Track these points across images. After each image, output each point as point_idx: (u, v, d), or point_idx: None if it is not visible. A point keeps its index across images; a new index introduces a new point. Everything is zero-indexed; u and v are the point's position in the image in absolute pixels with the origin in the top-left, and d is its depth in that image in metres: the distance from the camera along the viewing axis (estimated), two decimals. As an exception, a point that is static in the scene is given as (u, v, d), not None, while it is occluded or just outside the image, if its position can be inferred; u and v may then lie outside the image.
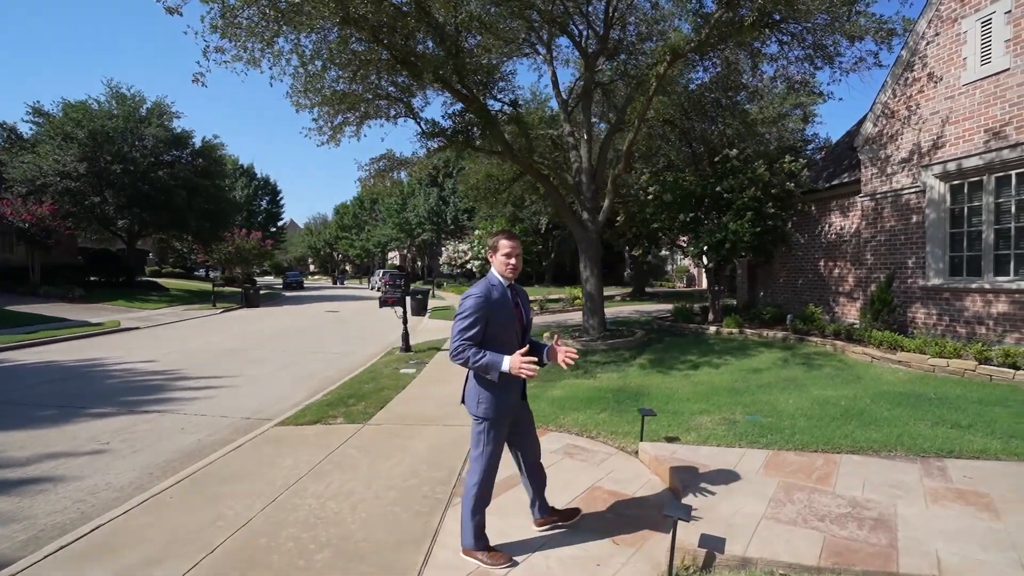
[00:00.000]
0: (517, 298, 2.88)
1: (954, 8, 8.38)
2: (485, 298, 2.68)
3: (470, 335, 2.63)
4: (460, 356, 2.62)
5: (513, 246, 2.78)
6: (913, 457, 3.82)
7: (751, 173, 10.33)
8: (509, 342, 2.76)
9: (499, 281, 2.80)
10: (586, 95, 10.08)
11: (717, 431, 4.53)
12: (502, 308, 2.73)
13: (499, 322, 2.72)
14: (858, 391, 5.60)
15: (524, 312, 2.90)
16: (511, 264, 2.77)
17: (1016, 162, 7.48)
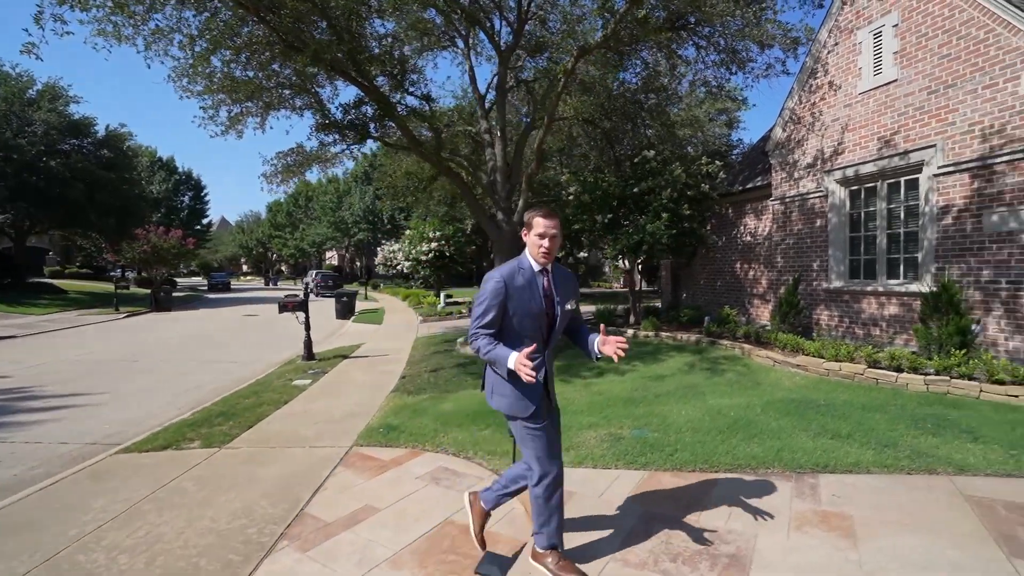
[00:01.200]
0: (552, 286, 2.49)
1: (850, 20, 8.60)
2: (505, 283, 2.37)
3: (484, 323, 2.39)
4: (473, 345, 2.42)
5: (549, 225, 2.40)
6: (789, 474, 3.64)
7: (668, 175, 10.31)
8: (531, 336, 2.42)
9: (529, 264, 2.46)
10: (500, 91, 9.72)
11: (598, 450, 4.23)
12: (526, 296, 2.40)
13: (520, 311, 2.39)
14: (752, 399, 5.49)
15: (558, 303, 2.49)
16: (544, 246, 2.40)
17: (904, 169, 7.72)
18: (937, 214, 7.23)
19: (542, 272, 2.47)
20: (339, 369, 8.65)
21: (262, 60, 8.42)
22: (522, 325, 2.40)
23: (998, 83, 6.55)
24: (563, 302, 2.49)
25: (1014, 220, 6.39)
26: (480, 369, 8.20)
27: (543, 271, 2.47)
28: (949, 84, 7.10)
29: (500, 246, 10.07)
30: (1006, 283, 6.49)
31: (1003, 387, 5.16)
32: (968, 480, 3.46)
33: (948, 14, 7.12)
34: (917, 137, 7.49)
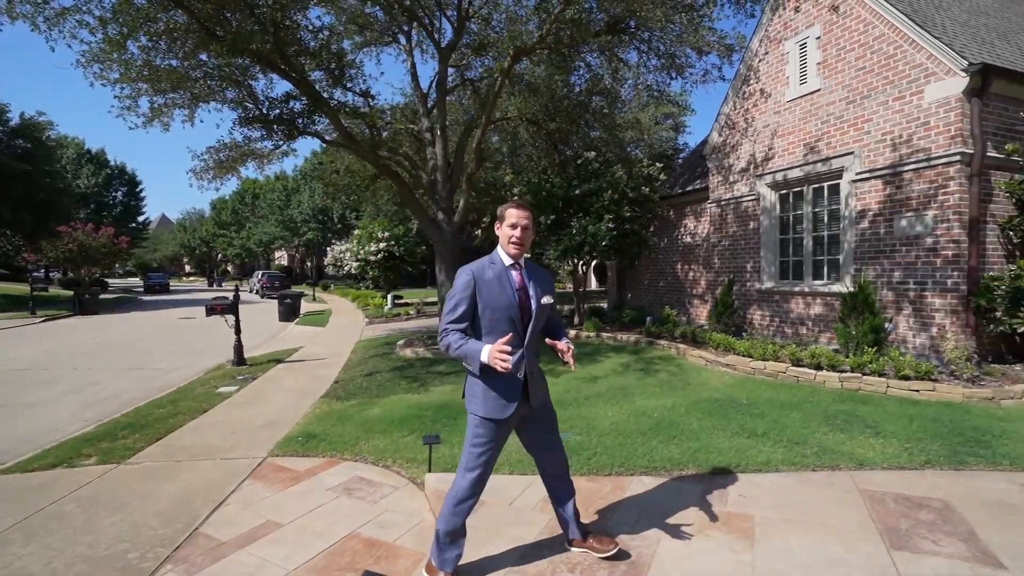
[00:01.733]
0: (526, 281, 2.43)
1: (779, 30, 8.93)
2: (475, 276, 2.33)
3: (454, 318, 2.32)
4: (443, 342, 2.32)
5: (522, 215, 2.38)
6: (701, 476, 3.68)
7: (610, 177, 10.42)
8: (503, 332, 2.30)
9: (500, 259, 2.41)
10: (441, 89, 9.56)
11: (517, 455, 4.15)
12: (495, 289, 2.33)
13: (491, 305, 2.32)
14: (679, 400, 5.57)
15: (534, 298, 2.41)
16: (516, 236, 2.36)
17: (827, 175, 8.06)
18: (855, 218, 7.59)
19: (514, 267, 2.42)
20: (270, 375, 8.27)
21: (186, 48, 7.96)
22: (494, 320, 2.33)
23: (905, 96, 6.93)
24: (539, 296, 2.42)
25: (920, 224, 6.77)
26: (417, 372, 8.07)
27: (515, 265, 2.42)
28: (865, 95, 7.46)
29: (441, 247, 9.92)
30: (913, 283, 6.87)
31: (907, 382, 5.44)
32: (867, 475, 3.59)
33: (863, 29, 7.49)
34: (838, 144, 7.85)
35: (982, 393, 5.11)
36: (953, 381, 5.61)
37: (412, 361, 8.78)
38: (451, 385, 6.87)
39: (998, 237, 6.67)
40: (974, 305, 6.31)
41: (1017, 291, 6.01)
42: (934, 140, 6.60)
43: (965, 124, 6.37)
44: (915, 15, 7.09)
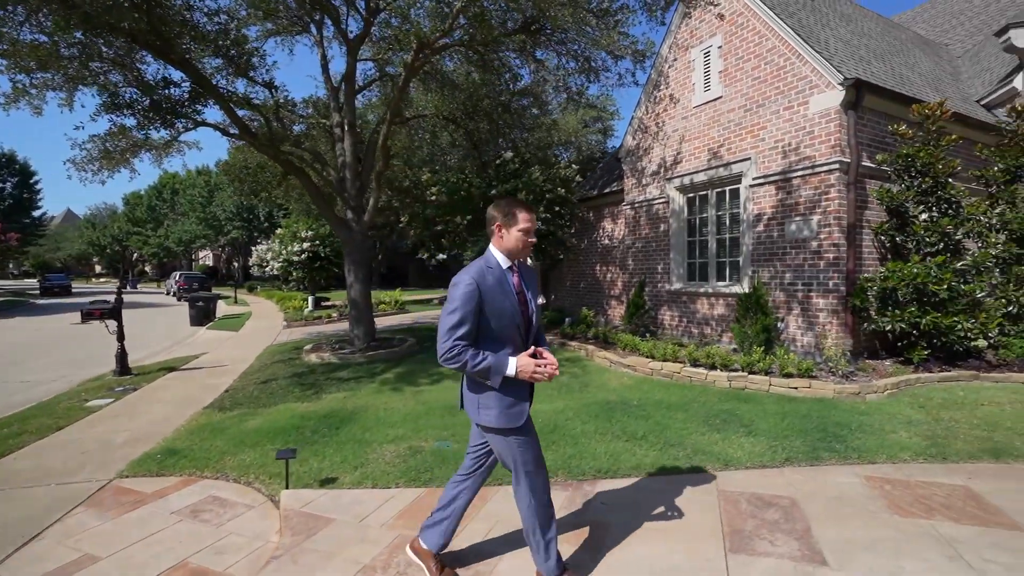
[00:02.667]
0: (522, 283, 2.31)
1: (686, 38, 9.18)
2: (478, 285, 2.14)
3: (461, 333, 2.11)
4: (455, 361, 2.10)
5: (532, 218, 2.26)
6: (570, 483, 3.60)
7: (527, 178, 10.38)
8: (511, 339, 2.23)
9: (497, 262, 2.26)
10: (349, 83, 9.16)
11: (387, 466, 3.95)
12: (499, 296, 2.19)
13: (496, 313, 2.18)
14: (573, 403, 5.54)
15: (531, 301, 2.32)
16: (531, 242, 2.28)
17: (728, 179, 8.35)
18: (752, 221, 7.89)
19: (510, 269, 2.28)
20: (156, 385, 7.60)
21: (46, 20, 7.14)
22: (500, 328, 2.20)
23: (794, 106, 7.27)
24: (534, 298, 2.35)
25: (806, 229, 7.12)
26: (316, 379, 7.66)
27: (512, 267, 2.29)
28: (760, 104, 7.78)
29: (350, 248, 9.51)
30: (801, 285, 7.22)
31: (788, 380, 5.67)
32: (730, 475, 3.63)
33: (758, 41, 7.81)
34: (737, 150, 8.14)
35: (850, 388, 5.40)
36: (830, 378, 5.90)
37: (315, 367, 8.33)
38: (346, 392, 6.54)
39: (873, 241, 7.11)
40: (850, 305, 6.69)
41: (885, 292, 6.42)
42: (817, 149, 6.96)
43: (843, 135, 6.75)
44: (801, 30, 7.46)
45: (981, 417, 4.71)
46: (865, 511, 3.05)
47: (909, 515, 2.99)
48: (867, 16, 12.01)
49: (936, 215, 6.58)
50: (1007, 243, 7.38)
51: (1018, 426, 4.43)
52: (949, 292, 6.22)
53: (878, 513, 3.02)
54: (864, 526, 2.87)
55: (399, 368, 7.97)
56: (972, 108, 9.07)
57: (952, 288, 6.24)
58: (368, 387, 6.77)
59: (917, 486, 3.37)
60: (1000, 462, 3.74)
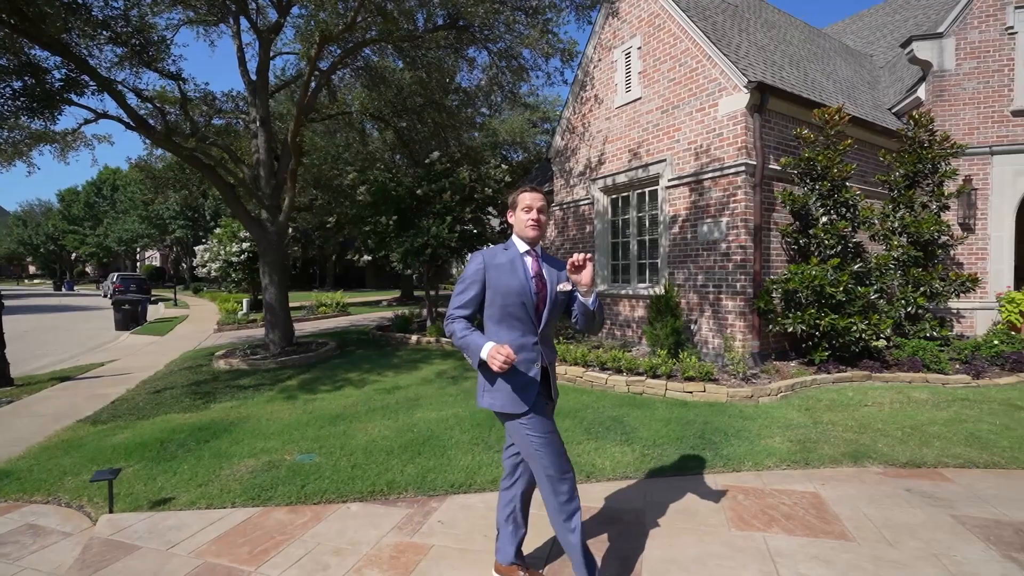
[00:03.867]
0: (541, 268, 2.28)
1: (609, 38, 9.13)
2: (484, 260, 2.24)
3: (460, 303, 2.24)
4: (447, 328, 2.24)
5: (536, 197, 2.27)
6: (417, 499, 3.40)
7: (454, 177, 10.15)
8: (519, 319, 2.21)
9: (514, 244, 2.30)
10: (262, 75, 8.73)
11: (234, 483, 3.68)
12: (506, 273, 2.21)
13: (502, 290, 2.19)
14: (463, 411, 5.35)
15: (550, 286, 2.26)
16: (532, 219, 2.24)
17: (647, 181, 8.32)
18: (669, 223, 7.88)
19: (528, 253, 2.28)
20: (38, 396, 7.03)
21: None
22: (507, 305, 2.19)
23: (705, 108, 7.28)
24: (557, 282, 2.28)
25: (716, 230, 7.13)
26: (215, 387, 7.21)
27: (530, 252, 2.28)
28: (675, 105, 7.77)
29: (264, 248, 9.09)
30: (712, 287, 7.23)
31: (683, 384, 5.62)
32: (588, 488, 3.49)
33: (673, 42, 7.80)
34: (655, 151, 8.12)
35: (743, 392, 5.38)
36: (731, 381, 5.89)
37: (220, 374, 7.88)
38: (237, 401, 6.17)
39: (781, 243, 7.19)
40: (756, 307, 6.73)
41: (787, 294, 6.48)
42: (726, 151, 6.98)
43: (749, 137, 6.78)
44: (713, 33, 7.49)
45: (858, 419, 4.74)
46: (705, 525, 2.94)
47: (747, 528, 2.90)
48: (793, 24, 12.29)
49: (835, 218, 6.68)
50: (906, 246, 7.59)
51: (887, 427, 4.47)
52: (845, 294, 6.32)
53: (717, 528, 2.91)
54: (697, 542, 2.76)
55: (306, 374, 7.61)
56: (883, 115, 9.34)
57: (848, 290, 6.34)
58: (263, 395, 6.41)
59: (769, 495, 3.31)
60: (858, 466, 3.73)
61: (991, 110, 8.75)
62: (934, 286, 7.44)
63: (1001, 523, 2.92)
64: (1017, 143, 8.62)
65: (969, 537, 2.77)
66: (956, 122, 8.88)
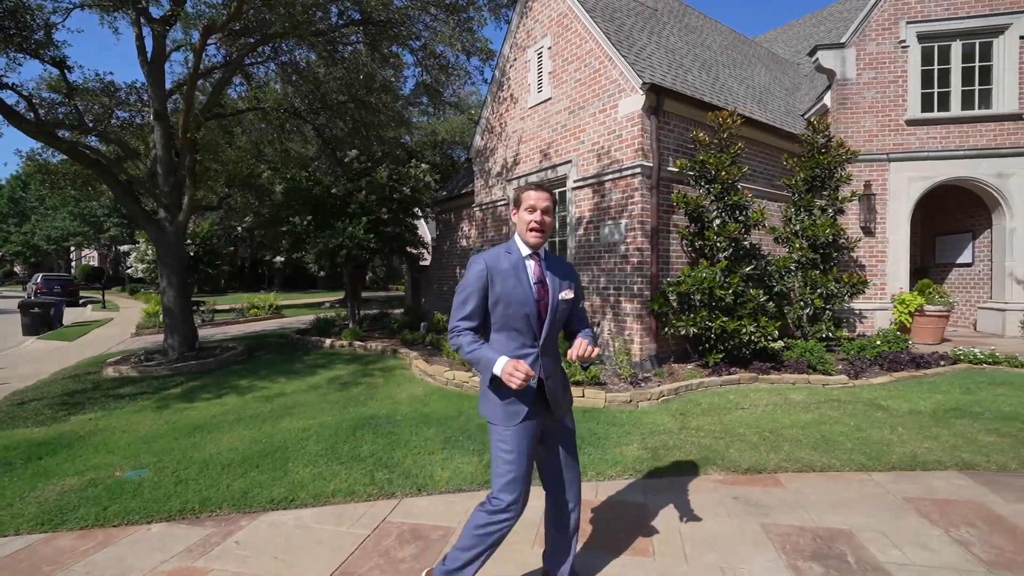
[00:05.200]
0: (544, 273, 2.15)
1: (523, 38, 9.03)
2: (487, 266, 2.06)
3: (464, 314, 2.05)
4: (453, 342, 2.06)
5: (541, 198, 2.09)
6: (227, 517, 3.17)
7: (371, 177, 9.86)
8: (521, 330, 2.08)
9: (517, 248, 2.14)
10: (155, 66, 8.23)
11: (34, 506, 3.40)
12: (511, 280, 2.06)
13: (506, 298, 2.05)
14: (333, 418, 5.12)
15: (552, 293, 2.13)
16: (535, 221, 2.07)
17: (555, 182, 8.24)
18: (575, 224, 7.82)
19: (531, 256, 2.13)
20: None
21: None
22: (508, 316, 2.06)
23: (607, 109, 7.25)
24: (559, 290, 2.13)
25: (616, 232, 7.11)
26: (84, 398, 6.66)
27: (533, 255, 2.13)
28: (581, 106, 7.72)
29: (163, 249, 8.58)
30: (613, 289, 7.20)
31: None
32: (413, 503, 3.32)
33: (579, 43, 7.75)
34: (563, 152, 8.06)
35: (622, 397, 5.32)
36: (619, 385, 5.83)
37: (103, 382, 7.36)
38: (102, 413, 5.74)
39: (681, 245, 7.22)
40: (652, 309, 6.72)
41: (681, 296, 6.49)
42: (624, 152, 6.95)
43: (645, 139, 6.77)
44: (616, 33, 7.47)
45: (726, 423, 4.74)
46: (508, 543, 2.78)
47: (550, 543, 2.77)
48: (716, 30, 12.51)
49: (727, 220, 6.74)
50: (804, 249, 7.76)
51: (748, 432, 4.47)
52: (735, 296, 6.37)
53: (519, 545, 2.77)
54: (491, 562, 2.60)
55: (196, 382, 7.19)
56: (792, 121, 9.56)
57: (738, 293, 6.40)
58: (135, 405, 5.99)
59: (595, 508, 3.20)
60: (700, 474, 3.68)
61: (888, 119, 9.08)
62: (829, 288, 7.64)
63: (804, 530, 2.89)
64: (911, 151, 8.98)
65: (767, 547, 2.73)
66: (857, 129, 9.17)
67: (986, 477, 3.58)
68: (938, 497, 3.29)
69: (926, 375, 6.29)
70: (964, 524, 2.95)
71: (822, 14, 16.91)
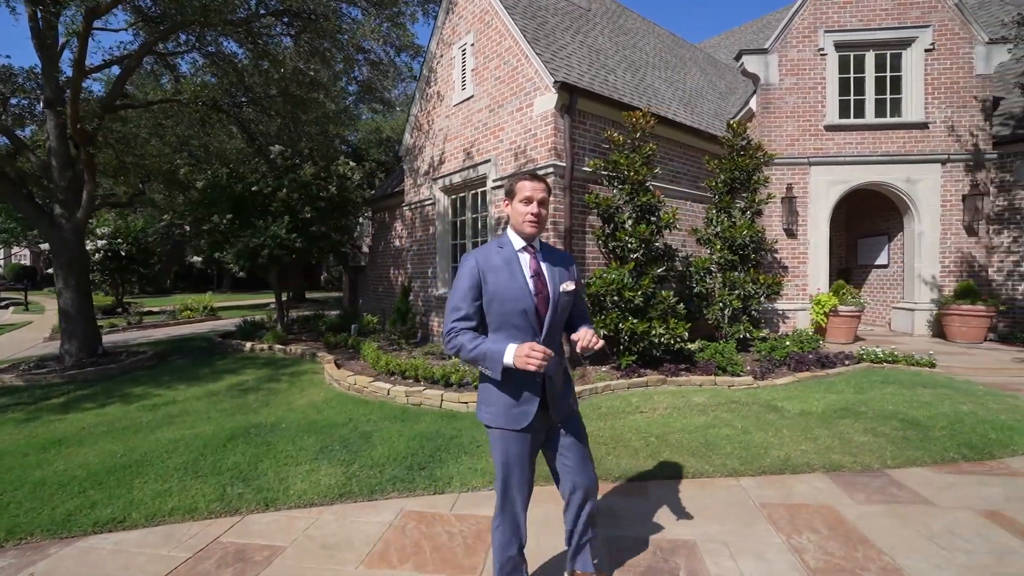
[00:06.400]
0: (541, 265, 2.02)
1: (449, 34, 8.84)
2: (478, 263, 1.98)
3: (460, 315, 1.96)
4: (451, 345, 1.94)
5: (537, 188, 1.98)
6: (37, 545, 2.90)
7: (294, 174, 9.48)
8: (519, 326, 1.95)
9: (510, 240, 2.04)
10: (46, 51, 7.66)
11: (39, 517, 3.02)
12: (504, 275, 1.96)
13: (500, 295, 1.94)
14: (215, 427, 4.82)
15: (551, 285, 1.99)
16: (531, 212, 1.97)
17: (477, 181, 8.09)
18: (494, 225, 7.68)
19: (526, 249, 2.04)
20: None
21: None
22: (504, 313, 1.96)
23: (523, 108, 7.14)
24: (559, 282, 2.04)
25: (531, 233, 6.99)
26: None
27: (528, 248, 2.04)
28: (500, 104, 7.59)
29: (58, 249, 8.01)
30: (528, 291, 7.08)
31: (458, 394, 5.35)
32: (255, 520, 3.10)
33: (498, 39, 7.62)
34: (484, 151, 7.91)
35: (519, 401, 5.19)
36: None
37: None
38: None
39: (597, 247, 7.16)
40: (564, 311, 6.63)
41: (592, 298, 6.42)
42: (539, 151, 6.85)
43: (559, 138, 6.69)
44: (535, 31, 7.37)
45: (618, 428, 4.66)
46: (336, 562, 2.63)
47: (379, 565, 2.60)
48: (653, 33, 12.61)
49: (639, 221, 6.72)
50: (722, 251, 7.84)
51: (636, 438, 4.40)
52: (645, 298, 6.35)
53: (344, 565, 2.60)
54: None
55: (86, 390, 6.71)
56: (723, 124, 9.67)
57: (648, 294, 6.38)
58: (2, 418, 5.51)
59: (444, 523, 3.05)
60: (562, 482, 3.58)
61: (808, 123, 9.30)
62: (747, 289, 7.73)
63: (647, 543, 2.80)
64: (830, 155, 9.21)
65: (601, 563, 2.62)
66: (780, 133, 9.36)
67: (847, 479, 3.60)
68: (794, 502, 3.27)
69: (828, 375, 6.41)
70: (808, 530, 2.93)
71: (762, 21, 17.36)
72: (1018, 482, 3.52)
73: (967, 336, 8.27)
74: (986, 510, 3.13)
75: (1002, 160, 9.00)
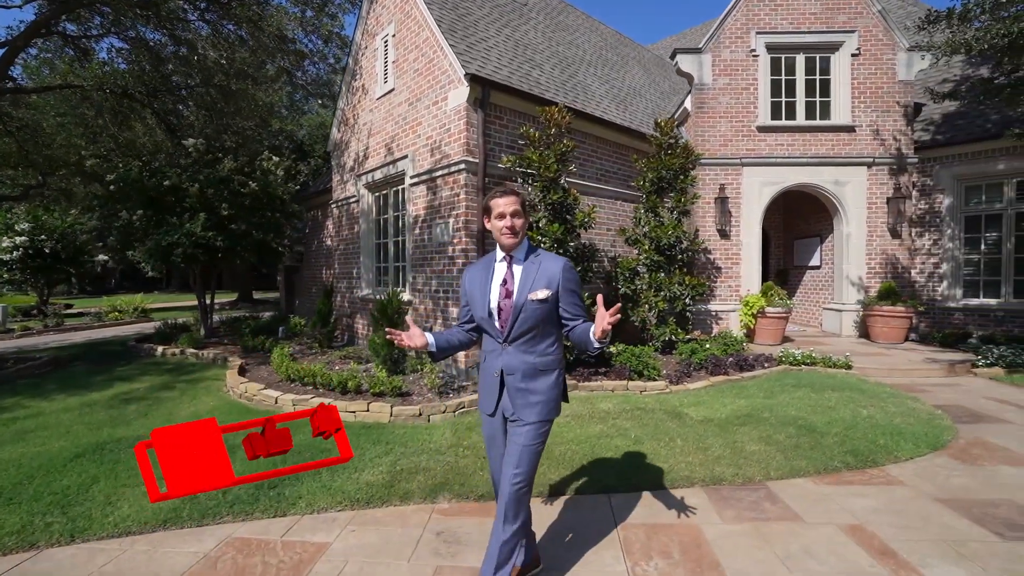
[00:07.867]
0: (512, 273, 2.16)
1: (373, 24, 8.48)
2: (467, 274, 2.31)
3: (462, 319, 2.40)
4: None
5: (507, 203, 2.11)
6: None
7: (212, 169, 8.94)
8: (487, 329, 2.23)
9: (495, 254, 2.25)
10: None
11: None
12: (477, 284, 2.23)
13: (471, 302, 2.27)
14: (62, 445, 4.34)
15: (517, 293, 2.11)
16: (506, 226, 2.12)
17: (396, 178, 7.76)
18: (411, 224, 7.36)
19: (504, 259, 2.18)
20: None
21: None
22: (476, 316, 2.24)
23: (439, 101, 6.84)
24: (527, 291, 2.10)
25: (446, 233, 6.71)
26: None
27: (507, 257, 2.18)
28: (419, 98, 7.27)
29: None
30: (443, 292, 6.80)
31: (347, 402, 5.02)
32: (59, 553, 2.71)
33: (417, 30, 7.30)
34: (404, 147, 7.58)
35: (410, 411, 4.88)
36: (427, 396, 5.42)
37: None
38: None
39: (516, 247, 6.91)
40: (477, 314, 6.37)
41: (503, 300, 6.16)
42: (452, 147, 6.57)
43: (472, 133, 6.42)
44: (453, 23, 7.08)
45: (505, 437, 4.41)
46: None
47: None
48: (596, 31, 12.46)
49: (553, 220, 6.50)
50: (650, 250, 7.70)
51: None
52: (558, 300, 6.12)
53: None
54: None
55: (-49, 401, 6.11)
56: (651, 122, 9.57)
57: (562, 296, 6.15)
58: None
59: (266, 551, 2.73)
60: (429, 502, 3.30)
61: (741, 124, 9.27)
62: (673, 290, 7.61)
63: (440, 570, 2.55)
64: (762, 156, 9.20)
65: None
66: (714, 133, 9.30)
67: (724, 493, 3.43)
68: (659, 522, 3.06)
69: (743, 379, 6.32)
70: (660, 555, 2.72)
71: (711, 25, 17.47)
72: (892, 492, 3.41)
73: (888, 336, 8.35)
74: (850, 524, 2.99)
75: (923, 164, 9.15)
